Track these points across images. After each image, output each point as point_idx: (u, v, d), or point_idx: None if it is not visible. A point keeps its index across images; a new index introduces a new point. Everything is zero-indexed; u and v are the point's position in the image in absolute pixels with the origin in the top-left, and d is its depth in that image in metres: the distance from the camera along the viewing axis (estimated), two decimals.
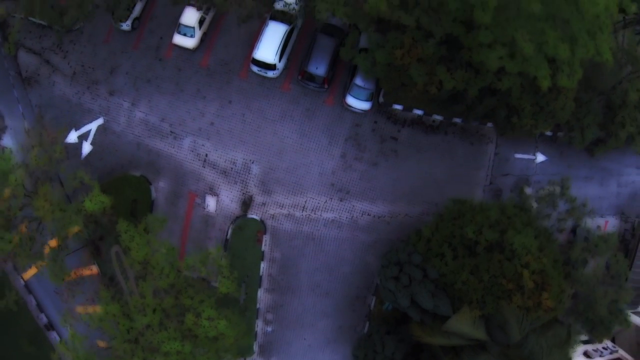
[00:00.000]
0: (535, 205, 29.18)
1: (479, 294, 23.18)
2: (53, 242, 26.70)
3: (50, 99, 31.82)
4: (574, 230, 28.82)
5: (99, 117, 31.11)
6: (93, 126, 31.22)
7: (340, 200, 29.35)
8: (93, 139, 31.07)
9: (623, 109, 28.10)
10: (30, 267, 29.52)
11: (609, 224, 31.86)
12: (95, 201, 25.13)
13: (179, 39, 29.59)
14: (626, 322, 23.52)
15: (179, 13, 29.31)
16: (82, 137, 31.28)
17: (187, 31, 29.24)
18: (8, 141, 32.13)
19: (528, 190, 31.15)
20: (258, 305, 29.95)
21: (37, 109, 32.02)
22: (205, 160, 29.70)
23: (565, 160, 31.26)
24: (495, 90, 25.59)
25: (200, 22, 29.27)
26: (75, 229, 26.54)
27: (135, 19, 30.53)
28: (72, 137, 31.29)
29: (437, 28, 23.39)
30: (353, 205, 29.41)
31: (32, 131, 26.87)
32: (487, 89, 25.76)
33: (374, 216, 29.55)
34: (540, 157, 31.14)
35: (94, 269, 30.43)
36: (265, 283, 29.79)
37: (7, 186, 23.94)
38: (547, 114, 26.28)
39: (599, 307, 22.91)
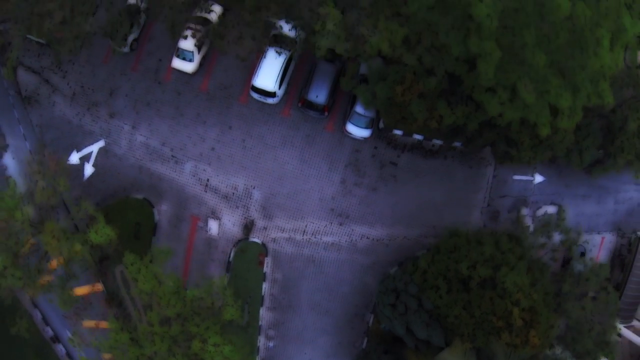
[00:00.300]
0: (530, 225, 29.87)
1: (470, 328, 24.14)
2: (54, 263, 27.49)
3: (51, 119, 31.89)
4: (567, 261, 29.47)
5: (100, 140, 31.29)
6: (94, 148, 31.45)
7: (340, 225, 29.95)
8: (95, 161, 31.36)
9: (622, 134, 28.20)
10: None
11: (605, 240, 32.50)
12: (101, 233, 25.75)
13: (178, 63, 29.36)
14: (611, 355, 24.57)
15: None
16: (84, 159, 31.55)
17: (186, 55, 28.98)
18: (9, 160, 32.44)
19: (525, 211, 31.70)
20: (260, 323, 31.11)
21: (38, 128, 32.15)
22: (207, 185, 30.11)
23: (563, 179, 31.59)
24: (495, 123, 25.67)
25: (199, 45, 28.94)
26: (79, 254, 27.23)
27: (134, 40, 30.17)
28: (74, 158, 31.57)
29: (440, 67, 23.29)
30: (352, 229, 30.04)
31: (34, 162, 27.09)
32: (487, 122, 25.84)
33: (373, 239, 30.22)
34: (538, 178, 31.46)
35: (99, 286, 31.37)
36: (267, 302, 30.82)
37: (14, 223, 24.48)
38: (545, 147, 26.45)
39: (586, 339, 23.89)
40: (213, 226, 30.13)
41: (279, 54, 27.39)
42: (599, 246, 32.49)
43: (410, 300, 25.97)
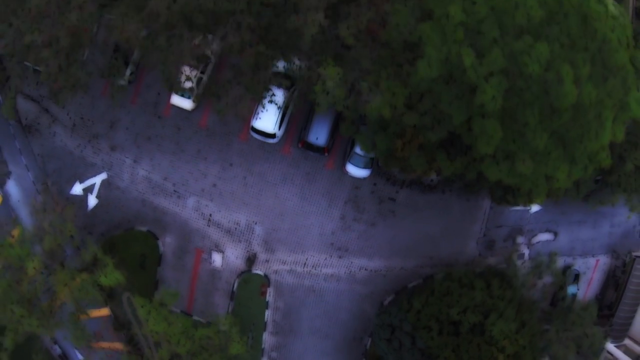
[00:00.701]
0: (525, 252, 30.90)
1: None
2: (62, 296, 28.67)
3: (52, 149, 32.04)
4: (556, 299, 30.66)
5: (102, 172, 31.63)
6: (97, 180, 31.85)
7: (339, 257, 30.95)
8: (98, 192, 31.85)
9: (620, 169, 28.54)
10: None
11: (600, 262, 33.66)
12: (111, 277, 26.82)
13: (176, 100, 29.20)
14: None
15: None
16: (87, 190, 32.02)
17: (184, 92, 28.75)
18: (12, 188, 32.90)
19: (520, 239, 32.63)
20: (263, 346, 32.82)
21: (39, 158, 32.40)
22: (209, 220, 30.81)
23: (559, 207, 32.25)
24: None
25: (198, 81, 28.66)
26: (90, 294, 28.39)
27: (131, 72, 29.80)
28: (77, 189, 32.04)
29: (441, 126, 23.32)
30: (351, 262, 31.06)
31: (40, 207, 27.64)
32: None
33: (371, 270, 31.32)
34: (534, 207, 32.10)
35: (106, 311, 32.67)
36: (269, 327, 32.38)
37: (26, 273, 25.44)
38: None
39: None
40: (217, 259, 31.12)
41: (280, 88, 27.07)
42: (593, 268, 33.68)
43: (404, 337, 27.38)
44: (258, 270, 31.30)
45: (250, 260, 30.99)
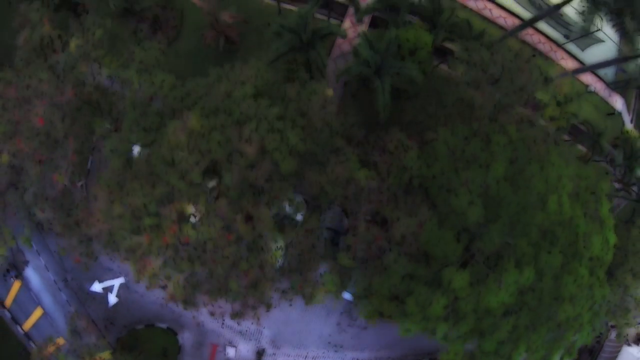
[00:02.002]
0: None
1: None
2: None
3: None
4: None
5: (119, 277, 34.70)
6: (116, 282, 35.08)
7: (335, 352, 36.10)
8: (117, 293, 35.23)
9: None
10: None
11: None
12: None
13: None
14: None
15: None
16: (107, 289, 35.34)
17: None
18: (31, 273, 35.91)
19: None
20: None
21: (56, 254, 35.05)
22: (223, 323, 34.97)
23: None
24: None
25: None
26: None
27: None
28: (97, 287, 35.34)
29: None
30: (345, 354, 36.29)
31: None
32: None
33: None
34: None
35: None
36: None
37: None
38: None
39: None
40: (230, 351, 35.93)
41: None
42: None
43: None
44: None
45: (260, 353, 35.93)
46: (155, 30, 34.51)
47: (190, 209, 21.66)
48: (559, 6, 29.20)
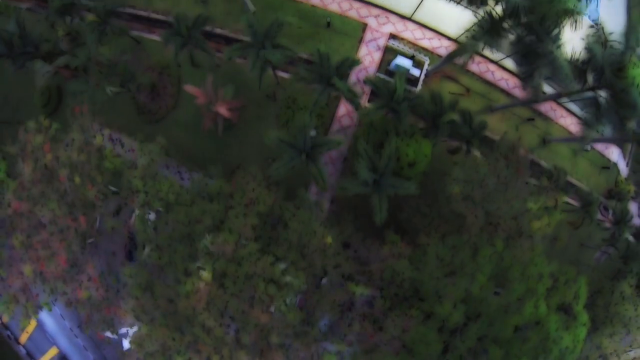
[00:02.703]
0: None
1: None
2: None
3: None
4: None
5: (135, 324, 37.46)
6: (130, 331, 37.79)
7: None
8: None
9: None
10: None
11: None
12: None
13: None
14: None
15: None
16: (122, 336, 38.23)
17: None
18: (46, 317, 38.73)
19: None
20: None
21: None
22: None
23: None
24: None
25: None
26: None
27: None
28: (109, 333, 38.22)
29: None
30: None
31: None
32: None
33: None
34: None
35: None
36: None
37: None
38: None
39: None
40: None
41: None
42: None
43: None
44: None
45: None
46: (154, 97, 34.05)
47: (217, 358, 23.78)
48: (560, 94, 29.00)
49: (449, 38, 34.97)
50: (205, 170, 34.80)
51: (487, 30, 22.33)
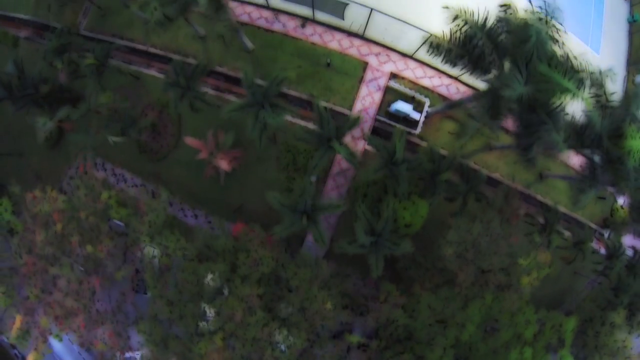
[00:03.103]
0: None
1: None
2: None
3: None
4: None
5: (141, 349, 39.44)
6: (137, 355, 39.83)
7: None
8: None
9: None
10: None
11: None
12: None
13: None
14: None
15: None
16: (129, 359, 40.31)
17: None
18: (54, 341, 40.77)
19: None
20: None
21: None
22: None
23: None
24: None
25: None
26: None
27: None
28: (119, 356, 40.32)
29: None
30: None
31: None
32: None
33: None
34: None
35: None
36: None
37: None
38: None
39: None
40: None
41: None
42: None
43: None
44: None
45: None
46: (155, 136, 34.23)
47: None
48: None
49: (449, 76, 34.71)
50: (208, 208, 35.59)
51: (488, 110, 22.44)
